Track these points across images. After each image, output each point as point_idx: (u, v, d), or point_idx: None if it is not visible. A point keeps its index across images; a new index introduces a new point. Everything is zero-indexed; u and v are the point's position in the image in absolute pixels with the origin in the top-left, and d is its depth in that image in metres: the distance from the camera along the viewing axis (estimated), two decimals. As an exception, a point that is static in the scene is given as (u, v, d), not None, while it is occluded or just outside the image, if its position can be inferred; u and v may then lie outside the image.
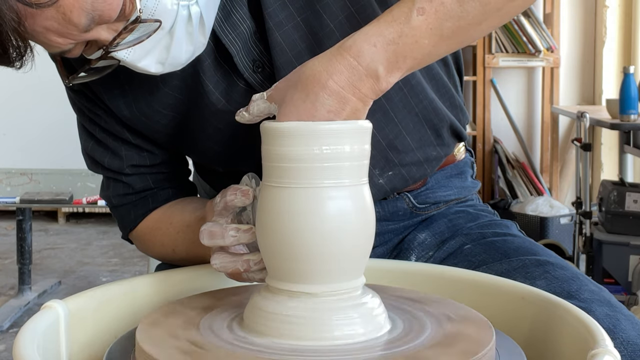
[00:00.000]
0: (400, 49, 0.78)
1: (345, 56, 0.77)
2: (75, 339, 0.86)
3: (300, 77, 0.78)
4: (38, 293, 3.51)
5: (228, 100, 1.00)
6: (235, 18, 0.97)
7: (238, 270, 0.84)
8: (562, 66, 4.61)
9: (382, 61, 0.77)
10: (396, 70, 0.79)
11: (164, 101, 1.02)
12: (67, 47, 0.83)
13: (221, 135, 1.03)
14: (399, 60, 0.78)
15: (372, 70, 0.77)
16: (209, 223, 0.85)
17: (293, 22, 0.97)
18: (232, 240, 0.83)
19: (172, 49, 0.88)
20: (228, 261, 0.85)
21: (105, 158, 1.08)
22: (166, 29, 0.86)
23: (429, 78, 1.07)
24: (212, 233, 0.84)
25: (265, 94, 0.81)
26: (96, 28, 0.82)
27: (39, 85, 4.77)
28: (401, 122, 1.05)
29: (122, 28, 0.83)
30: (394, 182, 1.08)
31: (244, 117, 0.82)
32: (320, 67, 0.78)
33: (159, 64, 0.89)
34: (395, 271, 1.00)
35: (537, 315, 0.86)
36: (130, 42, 0.85)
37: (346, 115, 0.77)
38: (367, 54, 0.77)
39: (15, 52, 0.78)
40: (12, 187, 3.36)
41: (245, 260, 0.84)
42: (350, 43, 0.78)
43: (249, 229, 0.83)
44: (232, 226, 0.83)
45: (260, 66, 0.99)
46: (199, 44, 0.91)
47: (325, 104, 0.76)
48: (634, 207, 3.13)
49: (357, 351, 0.72)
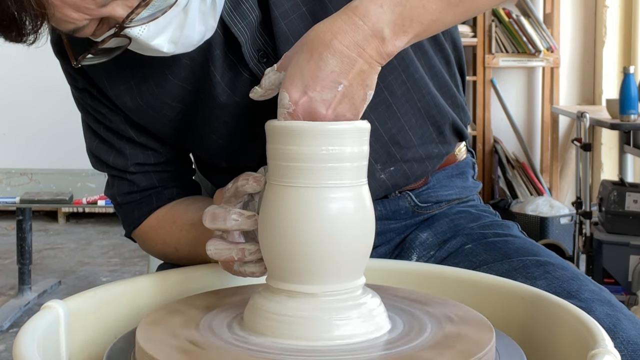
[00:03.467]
0: (407, 12, 0.77)
1: (350, 16, 0.77)
2: (75, 339, 0.86)
3: (306, 40, 0.78)
4: (38, 293, 3.51)
5: (233, 91, 1.00)
6: (245, 7, 0.98)
7: (232, 258, 0.83)
8: (562, 66, 4.61)
9: (388, 22, 0.77)
10: (402, 34, 0.78)
11: (172, 92, 1.02)
12: (82, 24, 0.83)
13: (226, 129, 1.03)
14: (405, 23, 0.77)
15: (377, 31, 0.76)
16: (214, 205, 0.84)
17: (298, 12, 0.97)
18: (234, 224, 0.81)
19: (185, 28, 0.87)
20: (224, 248, 0.83)
21: (110, 157, 1.08)
22: (181, 5, 0.85)
23: (432, 75, 1.07)
24: (215, 215, 0.83)
25: (275, 65, 0.81)
26: (112, 3, 0.81)
27: (39, 85, 4.78)
28: (404, 116, 1.05)
29: (137, 4, 0.82)
30: (396, 178, 1.08)
31: (257, 92, 0.82)
32: (324, 27, 0.77)
33: (171, 43, 0.88)
34: (396, 271, 1.00)
35: (537, 315, 0.86)
36: (144, 18, 0.84)
37: (352, 76, 0.76)
38: (373, 14, 0.76)
39: (32, 25, 0.78)
40: (12, 187, 3.36)
41: (241, 249, 0.83)
42: (357, 3, 0.78)
43: (252, 216, 0.81)
44: (235, 210, 0.82)
45: (265, 56, 0.99)
46: (210, 26, 0.90)
47: (329, 64, 0.75)
48: (634, 207, 3.13)
49: (357, 351, 0.72)
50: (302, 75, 0.75)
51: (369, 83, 0.77)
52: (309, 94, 0.75)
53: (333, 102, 0.75)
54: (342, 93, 0.76)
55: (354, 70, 0.76)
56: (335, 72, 0.75)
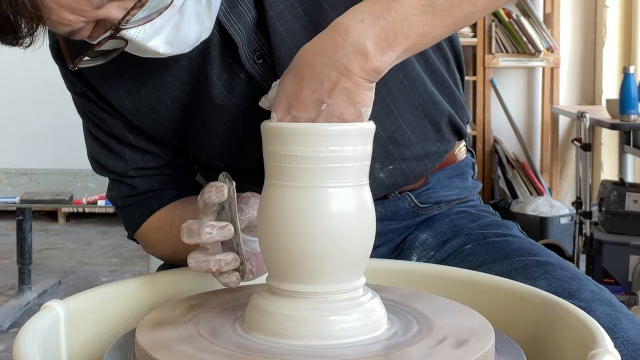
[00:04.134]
0: (390, 25, 0.76)
1: (331, 34, 0.77)
2: (75, 339, 0.86)
3: (294, 60, 0.79)
4: (38, 293, 3.51)
5: (230, 92, 1.00)
6: (241, 8, 0.97)
7: (210, 270, 0.85)
8: (562, 66, 4.61)
9: (371, 37, 0.76)
10: (388, 48, 0.76)
11: (170, 94, 1.02)
12: (78, 26, 0.82)
13: (223, 129, 1.03)
14: (390, 37, 0.76)
15: (360, 47, 0.76)
16: (190, 220, 0.86)
17: (293, 12, 0.97)
18: (208, 238, 0.83)
19: (181, 28, 0.87)
20: (202, 260, 0.85)
21: (110, 161, 1.08)
22: (177, 6, 0.85)
23: (429, 72, 1.07)
24: (190, 230, 0.84)
25: (278, 81, 0.82)
26: (107, 5, 0.81)
27: (39, 85, 4.78)
28: (401, 114, 1.05)
29: (132, 5, 0.82)
30: (395, 176, 1.08)
31: (265, 102, 0.83)
32: (308, 47, 0.78)
33: (167, 44, 0.88)
34: (395, 271, 1.00)
35: (537, 315, 0.86)
36: (140, 20, 0.84)
37: (336, 95, 0.76)
38: (354, 30, 0.76)
39: (27, 28, 0.78)
40: (12, 187, 3.36)
41: (217, 260, 0.84)
42: (338, 21, 0.77)
43: (224, 227, 0.83)
44: (208, 223, 0.83)
45: (261, 57, 0.99)
46: (205, 26, 0.91)
47: (311, 84, 0.76)
48: (634, 207, 3.13)
49: (357, 351, 0.72)
50: (287, 95, 0.77)
51: (359, 100, 0.77)
52: (292, 113, 0.77)
53: (318, 120, 0.76)
54: (327, 112, 0.76)
55: (336, 88, 0.76)
56: (317, 92, 0.76)
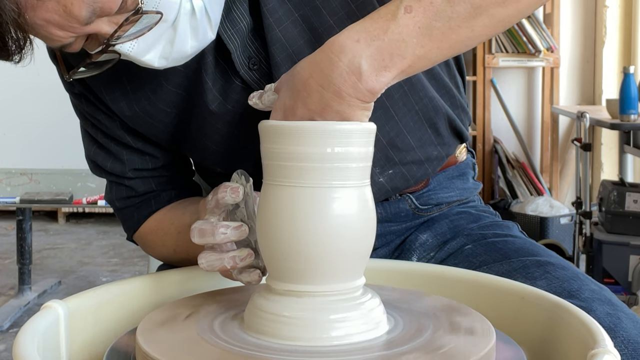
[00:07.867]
0: (386, 45, 0.75)
1: (327, 53, 0.76)
2: (75, 339, 0.86)
3: (292, 74, 0.78)
4: (38, 293, 3.51)
5: (225, 98, 1.00)
6: (236, 15, 0.97)
7: (225, 268, 0.84)
8: (562, 66, 4.61)
9: (366, 57, 0.75)
10: (383, 69, 0.75)
11: (166, 99, 1.02)
12: (68, 41, 0.83)
13: (219, 135, 1.03)
14: (385, 58, 0.75)
15: (354, 67, 0.75)
16: (200, 221, 0.85)
17: (291, 18, 0.97)
18: (222, 238, 0.82)
19: (175, 43, 0.87)
20: (215, 259, 0.84)
21: (108, 162, 1.08)
22: (169, 21, 0.85)
23: (430, 77, 1.07)
24: (202, 231, 0.83)
25: (273, 86, 0.81)
26: (97, 21, 0.81)
27: (39, 85, 4.77)
28: (401, 120, 1.05)
29: (123, 20, 0.82)
30: (395, 181, 1.08)
31: (257, 105, 0.82)
32: (304, 64, 0.77)
33: (162, 59, 0.88)
34: (396, 271, 1.00)
35: (537, 315, 0.86)
36: (131, 35, 0.84)
37: (330, 116, 0.75)
38: (349, 49, 0.75)
39: (15, 45, 0.78)
40: (12, 187, 3.36)
41: (232, 257, 0.83)
42: (333, 39, 0.77)
43: (239, 226, 0.82)
44: (222, 223, 0.83)
45: (256, 63, 0.99)
46: (206, 38, 0.91)
47: (305, 102, 0.76)
48: (634, 207, 3.13)
49: (357, 351, 0.72)
50: (284, 110, 0.77)
51: (349, 119, 0.76)
52: None
53: None
54: None
55: (331, 109, 0.75)
56: (312, 110, 0.76)
